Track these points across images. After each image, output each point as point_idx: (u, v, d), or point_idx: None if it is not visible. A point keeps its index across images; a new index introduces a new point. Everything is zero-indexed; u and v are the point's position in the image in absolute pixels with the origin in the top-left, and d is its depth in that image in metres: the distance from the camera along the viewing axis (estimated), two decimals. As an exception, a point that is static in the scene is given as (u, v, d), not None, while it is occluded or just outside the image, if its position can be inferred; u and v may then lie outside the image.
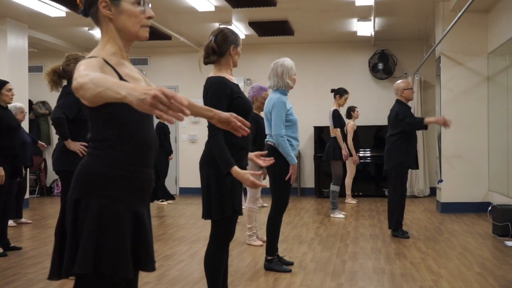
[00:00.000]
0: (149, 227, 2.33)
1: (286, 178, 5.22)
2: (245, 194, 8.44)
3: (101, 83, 1.86)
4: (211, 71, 3.91)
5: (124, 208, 2.20)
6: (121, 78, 2.24)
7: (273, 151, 5.22)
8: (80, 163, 2.26)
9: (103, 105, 2.07)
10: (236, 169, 3.54)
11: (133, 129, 2.24)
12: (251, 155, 3.77)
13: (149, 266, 2.29)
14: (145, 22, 2.34)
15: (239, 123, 2.84)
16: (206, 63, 3.90)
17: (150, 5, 2.37)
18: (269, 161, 3.55)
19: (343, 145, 8.99)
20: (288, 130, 5.30)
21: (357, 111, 10.91)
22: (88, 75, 1.91)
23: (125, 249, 2.16)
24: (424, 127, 7.07)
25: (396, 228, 7.20)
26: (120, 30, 2.31)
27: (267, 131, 5.49)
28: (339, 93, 9.16)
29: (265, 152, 3.86)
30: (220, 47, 3.84)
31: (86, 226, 2.13)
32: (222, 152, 3.59)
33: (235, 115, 2.85)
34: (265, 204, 10.00)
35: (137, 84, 1.84)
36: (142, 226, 2.26)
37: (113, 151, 2.21)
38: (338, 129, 8.99)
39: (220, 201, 3.68)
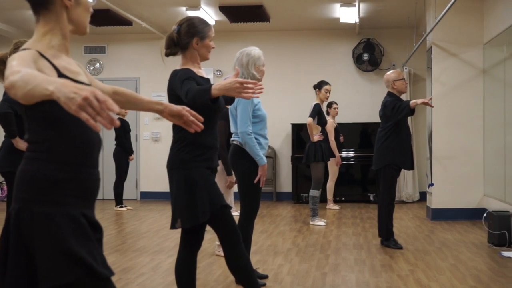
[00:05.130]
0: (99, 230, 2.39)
1: (255, 181, 5.17)
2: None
3: (31, 80, 1.87)
4: (177, 64, 3.93)
5: (72, 212, 2.23)
6: (58, 71, 2.26)
7: (240, 151, 5.17)
8: (19, 169, 2.27)
9: (39, 103, 2.06)
10: (215, 87, 3.49)
11: (73, 128, 2.26)
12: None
13: (106, 270, 2.29)
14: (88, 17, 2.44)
15: (191, 118, 2.80)
16: (167, 54, 3.90)
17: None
18: None
19: (312, 135, 8.94)
20: (255, 127, 5.19)
21: (335, 108, 10.97)
22: (20, 71, 1.92)
23: (78, 254, 2.18)
24: (411, 111, 7.00)
25: (388, 237, 7.24)
26: (73, 22, 2.35)
27: (232, 129, 5.38)
28: (318, 86, 9.17)
29: None
30: (182, 39, 3.85)
31: (37, 238, 2.15)
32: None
33: (187, 108, 2.81)
34: (235, 213, 9.78)
35: (68, 80, 1.85)
36: (90, 229, 2.29)
37: (54, 152, 2.24)
38: (311, 119, 8.92)
39: (190, 209, 3.73)
